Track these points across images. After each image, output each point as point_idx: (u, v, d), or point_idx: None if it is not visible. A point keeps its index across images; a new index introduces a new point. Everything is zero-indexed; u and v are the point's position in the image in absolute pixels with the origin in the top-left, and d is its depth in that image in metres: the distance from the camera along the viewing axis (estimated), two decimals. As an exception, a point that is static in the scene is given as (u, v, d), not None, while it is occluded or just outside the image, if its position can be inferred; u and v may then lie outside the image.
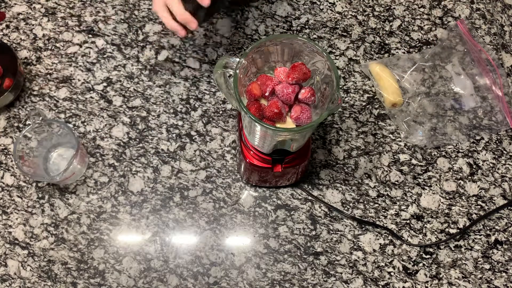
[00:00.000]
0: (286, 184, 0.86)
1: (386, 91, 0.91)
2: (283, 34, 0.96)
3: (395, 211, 0.87)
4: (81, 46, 0.95)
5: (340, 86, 0.94)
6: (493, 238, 0.86)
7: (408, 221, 0.86)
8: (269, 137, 0.69)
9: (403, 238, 0.85)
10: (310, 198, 0.87)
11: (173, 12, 0.78)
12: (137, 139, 0.90)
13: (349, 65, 0.95)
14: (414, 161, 0.90)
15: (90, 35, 0.96)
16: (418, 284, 0.83)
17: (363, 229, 0.86)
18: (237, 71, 0.66)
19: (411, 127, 0.90)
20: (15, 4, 0.98)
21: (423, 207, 0.87)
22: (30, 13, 0.97)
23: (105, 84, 0.93)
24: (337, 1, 1.00)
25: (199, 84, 0.93)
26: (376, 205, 0.87)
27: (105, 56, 0.95)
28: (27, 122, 0.90)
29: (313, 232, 0.85)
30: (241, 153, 0.77)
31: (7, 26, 0.96)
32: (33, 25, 0.96)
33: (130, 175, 0.88)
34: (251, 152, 0.76)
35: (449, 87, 0.93)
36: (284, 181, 0.84)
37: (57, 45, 0.95)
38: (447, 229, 0.86)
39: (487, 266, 0.84)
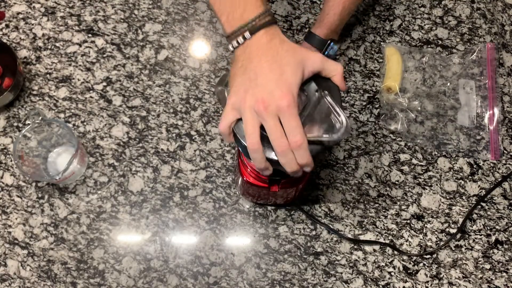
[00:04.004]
0: (282, 203, 0.85)
1: (387, 74, 0.92)
2: None
3: (396, 211, 0.87)
4: (80, 46, 0.95)
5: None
6: (493, 238, 0.86)
7: (408, 221, 0.86)
8: None
9: (400, 249, 0.85)
10: (310, 197, 0.87)
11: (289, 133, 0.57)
12: (137, 139, 0.90)
13: (350, 64, 0.95)
14: (414, 161, 0.90)
15: (89, 35, 0.96)
16: (419, 284, 0.83)
17: (364, 229, 0.85)
18: None
19: (396, 115, 0.90)
20: (15, 3, 0.97)
21: (423, 207, 0.87)
22: (29, 12, 0.97)
23: (104, 83, 0.93)
24: (337, 1, 0.99)
25: (199, 84, 0.93)
26: (377, 205, 0.87)
27: (104, 55, 0.94)
28: (27, 122, 0.90)
29: (313, 232, 0.85)
30: (238, 170, 0.76)
31: (7, 26, 0.96)
32: (32, 24, 0.96)
33: (130, 175, 0.88)
34: (248, 169, 0.75)
35: (452, 93, 0.93)
36: (281, 200, 0.83)
37: (57, 44, 0.95)
38: (447, 229, 0.86)
39: (487, 266, 0.84)
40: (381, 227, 0.86)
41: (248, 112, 0.57)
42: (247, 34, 0.58)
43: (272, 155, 0.59)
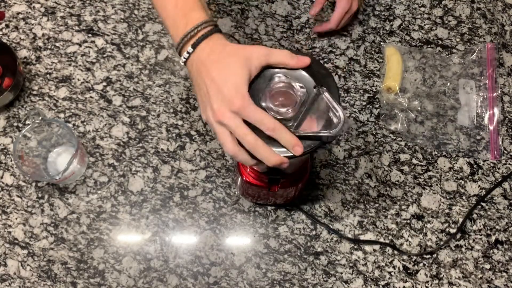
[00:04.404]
0: (282, 203, 0.86)
1: (387, 74, 0.92)
2: None
3: (396, 211, 0.87)
4: (80, 46, 0.95)
5: (340, 86, 0.94)
6: (493, 238, 0.86)
7: (408, 221, 0.86)
8: None
9: (400, 249, 0.85)
10: (310, 197, 0.87)
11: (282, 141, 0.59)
12: (137, 139, 0.90)
13: (350, 64, 0.95)
14: (414, 161, 0.90)
15: (89, 35, 0.96)
16: (419, 284, 0.83)
17: (364, 229, 0.85)
18: None
19: (396, 115, 0.90)
20: (15, 3, 0.97)
21: (423, 207, 0.87)
22: (29, 12, 0.97)
23: (104, 83, 0.93)
24: (337, 1, 0.99)
25: (199, 84, 0.93)
26: (377, 205, 0.87)
27: (104, 55, 0.94)
28: (27, 122, 0.90)
29: (313, 232, 0.85)
30: (238, 170, 0.76)
31: (7, 26, 0.96)
32: (32, 24, 0.96)
33: (130, 175, 0.88)
34: (247, 169, 0.75)
35: (452, 93, 0.93)
36: (281, 200, 0.83)
37: (57, 44, 0.95)
38: (447, 229, 0.86)
39: (487, 266, 0.84)
40: (381, 227, 0.86)
41: (215, 126, 0.60)
42: (189, 48, 0.61)
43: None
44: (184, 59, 0.62)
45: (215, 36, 0.61)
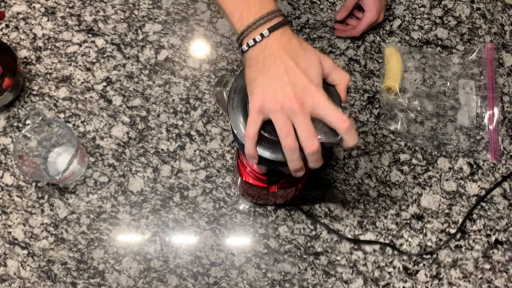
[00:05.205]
0: (282, 203, 0.86)
1: (387, 74, 0.92)
2: None
3: (396, 211, 0.87)
4: (80, 46, 0.95)
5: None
6: (493, 238, 0.86)
7: (408, 221, 0.86)
8: None
9: (400, 249, 0.85)
10: (310, 197, 0.87)
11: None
12: (137, 139, 0.90)
13: (349, 64, 0.95)
14: (414, 161, 0.90)
15: (89, 35, 0.96)
16: (418, 284, 0.83)
17: (364, 229, 0.85)
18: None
19: (396, 115, 0.90)
20: (15, 3, 0.97)
21: (423, 207, 0.87)
22: (29, 12, 0.97)
23: (104, 83, 0.93)
24: (337, 1, 1.00)
25: (199, 84, 0.93)
26: (376, 205, 0.87)
27: (104, 55, 0.94)
28: (27, 122, 0.90)
29: (313, 232, 0.85)
30: (238, 170, 0.76)
31: (7, 26, 0.96)
32: (32, 24, 0.96)
33: (130, 175, 0.88)
34: (247, 169, 0.75)
35: (452, 93, 0.93)
36: (281, 200, 0.83)
37: (57, 44, 0.95)
38: (447, 229, 0.86)
39: (487, 266, 0.84)
40: (381, 227, 0.86)
41: (280, 112, 0.56)
42: (265, 31, 0.57)
43: (266, 155, 0.59)
44: (253, 43, 0.58)
45: (287, 27, 0.59)
